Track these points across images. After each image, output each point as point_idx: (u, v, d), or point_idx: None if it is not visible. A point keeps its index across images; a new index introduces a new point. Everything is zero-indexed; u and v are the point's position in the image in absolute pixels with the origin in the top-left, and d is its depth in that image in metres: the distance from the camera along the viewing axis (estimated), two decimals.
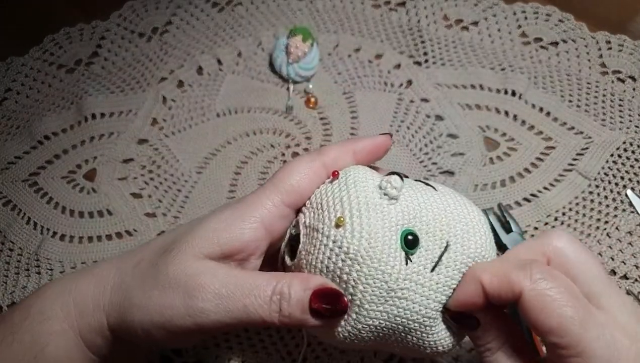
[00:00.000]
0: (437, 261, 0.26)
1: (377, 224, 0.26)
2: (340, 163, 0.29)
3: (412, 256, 0.26)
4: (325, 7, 0.58)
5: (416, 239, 0.26)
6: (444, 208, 0.28)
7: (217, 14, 0.58)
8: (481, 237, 0.28)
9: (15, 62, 0.57)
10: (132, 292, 0.27)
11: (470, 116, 0.51)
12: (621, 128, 0.49)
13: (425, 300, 0.26)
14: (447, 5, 0.57)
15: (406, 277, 0.26)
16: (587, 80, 0.52)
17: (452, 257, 0.27)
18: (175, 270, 0.27)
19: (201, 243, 0.27)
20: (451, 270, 0.27)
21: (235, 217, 0.28)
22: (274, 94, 0.53)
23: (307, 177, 0.29)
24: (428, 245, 0.27)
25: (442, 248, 0.27)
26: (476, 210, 0.30)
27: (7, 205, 0.50)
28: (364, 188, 0.27)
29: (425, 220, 0.27)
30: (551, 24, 0.55)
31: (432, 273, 0.26)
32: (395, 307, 0.26)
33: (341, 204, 0.27)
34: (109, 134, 0.52)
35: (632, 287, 0.43)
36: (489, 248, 0.29)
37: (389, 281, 0.25)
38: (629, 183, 0.47)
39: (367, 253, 0.25)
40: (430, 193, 0.29)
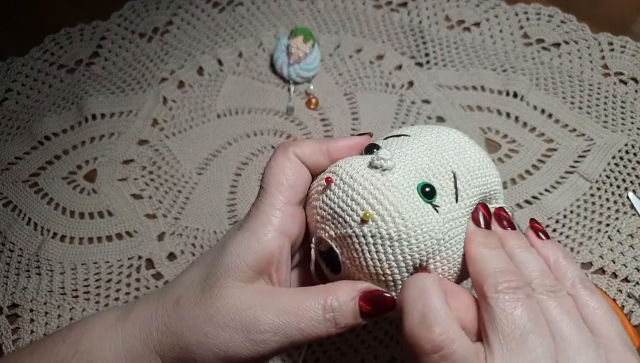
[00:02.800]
0: (456, 191, 0.28)
1: (396, 196, 0.26)
2: (313, 160, 0.30)
3: (436, 202, 0.27)
4: (327, 8, 0.58)
5: (431, 186, 0.27)
6: (430, 146, 0.29)
7: (218, 15, 0.58)
8: (474, 151, 0.30)
9: (15, 62, 0.57)
10: (184, 332, 0.28)
11: (471, 117, 0.51)
12: (623, 130, 0.49)
13: (465, 226, 0.28)
14: (449, 6, 0.57)
15: (445, 222, 0.27)
16: (589, 82, 0.52)
17: (464, 180, 0.28)
18: (224, 307, 0.27)
19: (235, 273, 0.28)
20: (471, 192, 0.28)
21: (250, 235, 0.29)
22: (274, 95, 0.53)
23: (293, 172, 0.30)
24: (441, 184, 0.28)
25: (453, 179, 0.28)
26: (451, 131, 0.31)
27: (7, 205, 0.50)
28: (362, 176, 0.28)
29: (425, 167, 0.28)
30: (553, 25, 0.55)
31: (459, 204, 0.28)
32: (451, 251, 0.27)
33: (355, 201, 0.27)
34: (110, 135, 0.52)
35: (633, 290, 0.43)
36: (485, 160, 0.30)
37: (435, 236, 0.26)
38: (631, 185, 0.47)
39: (406, 226, 0.26)
40: (411, 141, 0.30)
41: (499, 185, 0.31)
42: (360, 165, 0.28)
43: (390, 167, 0.27)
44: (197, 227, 0.48)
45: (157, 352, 0.28)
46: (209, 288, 0.28)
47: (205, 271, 0.29)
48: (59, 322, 0.44)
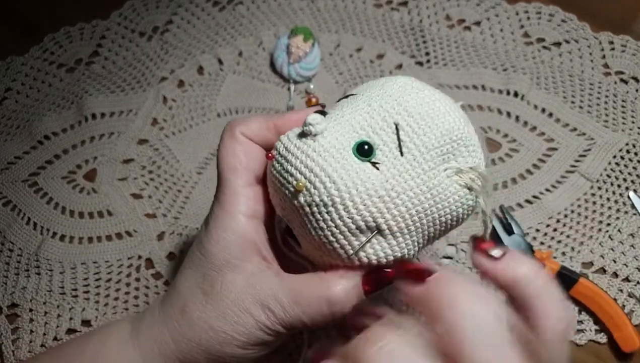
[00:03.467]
0: (399, 143, 0.26)
1: (327, 160, 0.25)
2: (261, 137, 0.30)
3: (376, 159, 0.26)
4: (327, 7, 0.58)
5: (367, 143, 0.26)
6: (372, 100, 0.27)
7: (218, 14, 0.58)
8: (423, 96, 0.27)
9: (15, 62, 0.57)
10: (202, 335, 0.28)
11: (471, 117, 0.50)
12: (624, 129, 0.49)
13: (418, 179, 0.26)
14: (450, 5, 0.57)
15: (388, 178, 0.25)
16: (589, 81, 0.52)
17: (411, 130, 0.26)
18: (234, 300, 0.28)
19: (228, 267, 0.28)
20: (421, 141, 0.26)
21: (223, 229, 0.29)
22: (274, 94, 0.53)
23: (245, 153, 0.29)
24: (383, 140, 0.26)
25: (395, 131, 0.26)
26: (399, 79, 0.29)
27: (7, 205, 0.50)
28: (295, 145, 0.27)
29: (365, 123, 0.27)
30: (554, 24, 0.55)
31: (406, 157, 0.26)
32: (405, 207, 0.26)
33: (289, 173, 0.26)
34: (109, 134, 0.52)
35: (634, 289, 0.43)
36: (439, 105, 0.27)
37: (376, 194, 0.25)
38: (632, 185, 0.47)
39: (338, 189, 0.25)
40: (354, 99, 0.28)
41: (465, 133, 0.27)
42: (295, 135, 0.27)
43: (320, 131, 0.26)
44: (197, 226, 0.48)
45: (181, 360, 0.29)
46: (210, 289, 0.28)
47: (199, 274, 0.29)
48: (59, 322, 0.44)
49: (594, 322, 0.42)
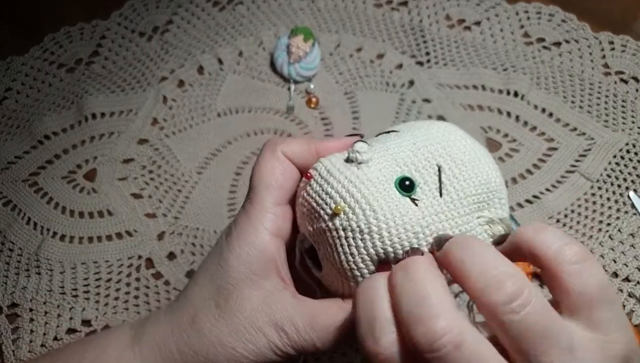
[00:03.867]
0: (440, 184, 0.27)
1: (369, 189, 0.26)
2: (301, 160, 0.30)
3: (415, 196, 0.27)
4: (327, 7, 0.58)
5: (409, 180, 0.27)
6: (417, 140, 0.28)
7: (218, 13, 0.58)
8: (465, 144, 0.29)
9: (15, 62, 0.56)
10: (210, 349, 0.28)
11: (472, 117, 0.51)
12: (624, 129, 0.49)
13: (453, 221, 0.27)
14: (450, 5, 0.57)
15: (425, 216, 0.26)
16: (589, 81, 0.52)
17: (451, 174, 0.27)
18: (248, 317, 0.28)
19: (245, 283, 0.28)
20: (460, 186, 0.27)
21: (246, 244, 0.29)
22: (275, 94, 0.53)
23: (282, 172, 0.29)
24: (424, 179, 0.27)
25: (437, 172, 0.27)
26: (443, 124, 0.30)
27: (7, 205, 0.50)
28: (338, 170, 0.27)
29: (408, 160, 0.28)
30: (554, 24, 0.55)
31: (444, 199, 0.27)
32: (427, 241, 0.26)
33: (329, 195, 0.27)
34: (109, 134, 0.52)
35: (634, 289, 0.43)
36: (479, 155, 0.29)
37: (411, 229, 0.26)
38: (632, 185, 0.47)
39: (377, 218, 0.26)
40: (398, 136, 0.29)
41: (499, 185, 0.29)
42: (339, 160, 0.28)
43: (366, 160, 0.27)
44: (197, 226, 0.48)
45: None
46: (224, 303, 0.28)
47: (214, 286, 0.29)
48: (59, 322, 0.44)
49: None
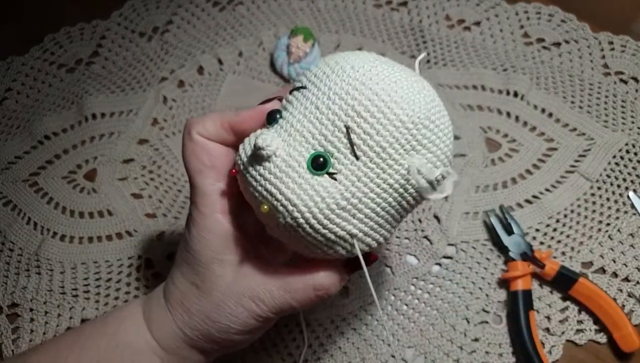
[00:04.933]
0: (352, 147, 0.25)
1: (284, 183, 0.25)
2: (218, 137, 0.30)
3: (333, 169, 0.25)
4: (327, 7, 0.58)
5: (321, 155, 0.25)
6: (322, 98, 0.25)
7: (218, 14, 0.58)
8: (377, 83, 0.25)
9: (15, 62, 0.57)
10: (201, 325, 0.30)
11: (471, 117, 0.51)
12: (623, 129, 0.49)
13: (379, 180, 0.25)
14: (449, 5, 0.57)
15: (346, 188, 0.25)
16: (589, 81, 0.52)
17: (365, 128, 0.24)
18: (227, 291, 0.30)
19: (215, 264, 0.30)
20: (379, 140, 0.25)
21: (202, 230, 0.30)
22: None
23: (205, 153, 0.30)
24: (337, 146, 0.25)
25: (346, 133, 0.25)
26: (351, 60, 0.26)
27: (7, 205, 0.50)
28: (253, 167, 0.26)
29: (316, 131, 0.25)
30: (553, 24, 0.55)
31: (361, 161, 0.25)
32: (373, 211, 0.26)
33: (253, 194, 0.27)
34: (110, 134, 0.52)
35: (634, 289, 0.43)
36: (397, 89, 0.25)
37: (339, 206, 0.25)
38: (631, 185, 0.47)
39: (300, 211, 0.25)
40: (305, 96, 0.26)
41: (424, 118, 0.25)
42: (250, 156, 0.27)
43: (272, 152, 0.25)
44: None
45: (188, 343, 0.31)
46: (202, 284, 0.30)
47: (191, 270, 0.31)
48: (59, 322, 0.44)
49: (594, 321, 0.42)
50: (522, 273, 0.42)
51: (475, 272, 0.44)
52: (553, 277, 0.42)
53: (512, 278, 0.42)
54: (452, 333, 0.42)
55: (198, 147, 0.29)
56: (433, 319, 0.43)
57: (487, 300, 0.43)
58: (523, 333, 0.40)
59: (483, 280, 0.44)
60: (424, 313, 0.43)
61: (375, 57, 0.26)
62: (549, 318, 0.42)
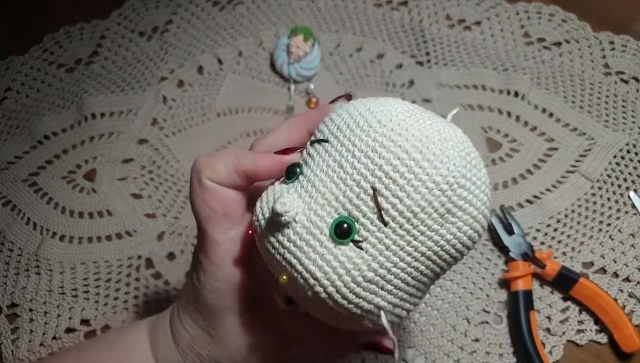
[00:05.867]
0: (378, 210, 0.22)
1: (305, 253, 0.23)
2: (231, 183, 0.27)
3: (358, 237, 0.22)
4: (327, 7, 0.57)
5: (345, 221, 0.22)
6: (342, 159, 0.23)
7: (218, 13, 0.58)
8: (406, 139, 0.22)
9: (15, 62, 0.56)
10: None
11: (472, 117, 0.51)
12: (624, 129, 0.49)
13: (410, 248, 0.23)
14: (450, 4, 0.57)
15: (373, 258, 0.22)
16: (590, 81, 0.52)
17: (392, 191, 0.22)
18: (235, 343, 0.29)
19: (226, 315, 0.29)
20: (409, 203, 0.22)
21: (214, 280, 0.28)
22: (274, 94, 0.53)
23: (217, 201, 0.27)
24: (362, 210, 0.22)
25: (373, 196, 0.22)
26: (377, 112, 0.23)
27: (6, 205, 0.50)
28: (271, 233, 0.24)
29: (339, 194, 0.23)
30: (554, 24, 0.55)
31: (389, 228, 0.22)
32: (402, 282, 0.23)
33: (271, 261, 0.24)
34: (109, 134, 0.52)
35: (635, 289, 0.43)
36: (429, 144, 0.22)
37: (363, 280, 0.22)
38: (632, 185, 0.47)
39: (323, 285, 0.22)
40: (327, 153, 0.24)
41: (461, 176, 0.22)
42: (267, 218, 0.24)
43: (291, 218, 0.23)
44: None
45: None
46: (214, 332, 0.29)
47: (200, 317, 0.30)
48: (58, 322, 0.44)
49: (595, 322, 0.42)
50: (523, 273, 0.42)
51: (475, 272, 0.44)
52: (554, 277, 0.42)
53: (513, 279, 0.42)
54: (452, 333, 0.42)
55: (208, 194, 0.27)
56: (433, 319, 0.43)
57: (488, 300, 0.43)
58: (524, 333, 0.40)
59: (483, 281, 0.44)
60: (424, 314, 0.43)
61: (403, 106, 0.24)
62: (550, 319, 0.42)
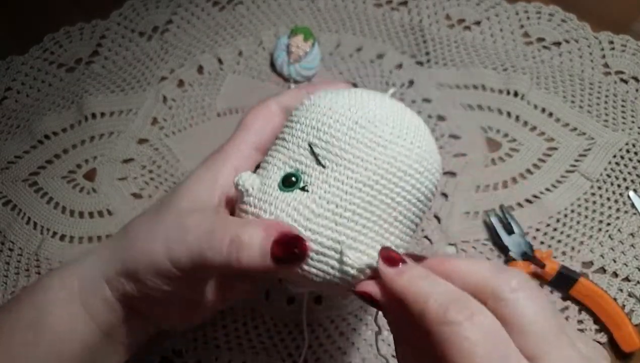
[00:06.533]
0: (315, 157, 0.27)
1: (262, 208, 0.27)
2: (297, 101, 0.31)
3: (303, 184, 0.27)
4: (327, 7, 0.58)
5: (290, 175, 0.27)
6: (285, 135, 0.28)
7: (218, 13, 0.58)
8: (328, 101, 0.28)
9: (15, 61, 0.57)
10: (123, 244, 0.29)
11: (472, 117, 0.51)
12: (624, 129, 0.49)
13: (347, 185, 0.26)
14: (450, 4, 0.57)
15: (319, 196, 0.26)
16: (589, 81, 0.52)
17: (325, 140, 0.27)
18: (163, 219, 0.28)
19: (189, 200, 0.29)
20: (341, 147, 0.26)
21: (207, 169, 0.30)
22: (274, 94, 0.53)
23: (265, 120, 0.31)
24: (305, 163, 0.27)
25: (310, 149, 0.27)
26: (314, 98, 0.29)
27: (7, 205, 0.50)
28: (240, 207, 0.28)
29: (284, 158, 0.28)
30: (554, 24, 0.55)
31: (328, 168, 0.26)
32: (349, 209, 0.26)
33: None
34: (109, 134, 0.52)
35: (634, 289, 0.43)
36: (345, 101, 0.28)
37: (313, 215, 0.26)
38: (632, 184, 0.47)
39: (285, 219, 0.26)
40: (277, 141, 0.29)
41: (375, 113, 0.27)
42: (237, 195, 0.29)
43: (248, 187, 0.27)
44: None
45: (101, 271, 0.29)
46: (158, 210, 0.29)
47: (162, 198, 0.30)
48: None
49: (594, 321, 0.42)
50: None
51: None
52: (553, 276, 0.42)
53: None
54: None
55: (265, 112, 0.31)
56: None
57: None
58: None
59: None
60: None
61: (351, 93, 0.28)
62: None
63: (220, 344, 0.42)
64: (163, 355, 0.42)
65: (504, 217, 0.45)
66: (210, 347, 0.42)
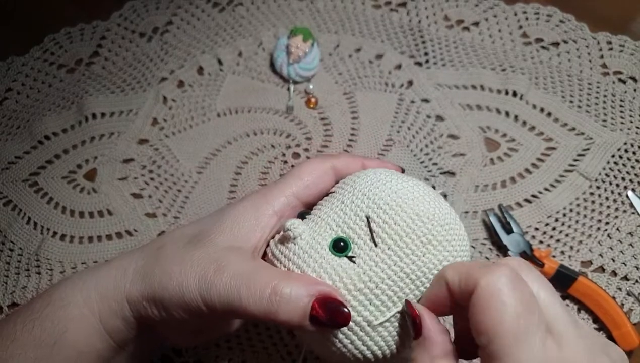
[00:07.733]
0: (371, 234, 0.27)
1: (306, 262, 0.27)
2: (350, 169, 0.32)
3: (352, 253, 0.27)
4: (326, 8, 0.58)
5: (342, 239, 0.27)
6: (346, 197, 0.29)
7: (218, 14, 0.58)
8: (392, 186, 0.28)
9: (15, 62, 0.57)
10: (155, 271, 0.28)
11: (471, 117, 0.51)
12: (622, 129, 0.49)
13: (396, 267, 0.27)
14: (448, 5, 0.57)
15: (364, 270, 0.27)
16: (588, 81, 0.52)
17: (382, 220, 0.27)
18: (200, 254, 0.28)
19: (226, 237, 0.29)
20: (394, 230, 0.27)
21: (251, 207, 0.30)
22: (274, 94, 0.53)
23: (318, 176, 0.31)
24: (357, 233, 0.28)
25: (366, 222, 0.28)
26: (371, 173, 0.30)
27: (7, 205, 0.50)
28: (279, 250, 0.29)
29: (339, 220, 0.28)
30: (552, 24, 0.55)
31: (380, 248, 0.27)
32: (384, 295, 0.27)
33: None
34: (110, 134, 0.52)
35: (633, 288, 0.43)
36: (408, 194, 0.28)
37: (354, 286, 0.26)
38: (630, 184, 0.47)
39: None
40: (332, 197, 0.30)
41: (440, 215, 0.28)
42: (277, 240, 0.30)
43: (298, 234, 0.28)
44: None
45: (126, 292, 0.29)
46: (196, 241, 0.29)
47: (199, 228, 0.30)
48: None
49: (593, 320, 0.42)
50: None
51: None
52: (552, 275, 0.42)
53: None
54: (452, 332, 0.42)
55: (318, 169, 0.31)
56: None
57: None
58: None
59: None
60: None
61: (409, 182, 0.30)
62: None
63: (220, 343, 0.42)
64: (163, 353, 0.42)
65: (503, 216, 0.45)
66: (210, 346, 0.42)
